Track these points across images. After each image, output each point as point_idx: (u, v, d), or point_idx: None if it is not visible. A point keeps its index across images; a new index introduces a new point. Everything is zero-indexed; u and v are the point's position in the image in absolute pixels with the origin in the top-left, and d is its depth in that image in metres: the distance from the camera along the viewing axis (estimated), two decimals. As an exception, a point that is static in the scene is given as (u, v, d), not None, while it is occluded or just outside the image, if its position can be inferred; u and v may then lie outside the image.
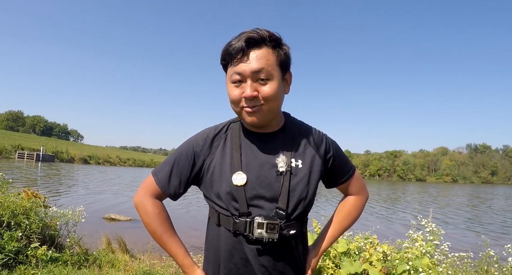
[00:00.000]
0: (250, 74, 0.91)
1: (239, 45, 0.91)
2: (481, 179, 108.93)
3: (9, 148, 44.92)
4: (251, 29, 0.94)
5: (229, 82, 0.95)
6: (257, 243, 0.94)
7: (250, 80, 0.92)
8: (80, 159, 54.62)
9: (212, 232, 1.03)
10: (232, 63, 0.93)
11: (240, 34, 0.94)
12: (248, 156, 0.99)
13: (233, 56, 0.92)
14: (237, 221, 0.94)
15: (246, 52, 0.91)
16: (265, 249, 0.95)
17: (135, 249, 4.74)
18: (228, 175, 0.97)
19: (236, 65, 0.92)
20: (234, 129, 1.05)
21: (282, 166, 0.95)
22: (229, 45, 0.93)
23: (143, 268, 3.62)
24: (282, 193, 0.95)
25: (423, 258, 2.78)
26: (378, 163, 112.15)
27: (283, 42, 0.96)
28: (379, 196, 23.01)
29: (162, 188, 1.02)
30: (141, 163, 73.75)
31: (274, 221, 0.92)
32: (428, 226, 3.36)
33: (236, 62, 0.92)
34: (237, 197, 0.94)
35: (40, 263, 3.22)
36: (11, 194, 3.70)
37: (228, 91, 0.97)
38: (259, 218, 0.92)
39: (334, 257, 2.87)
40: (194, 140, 1.04)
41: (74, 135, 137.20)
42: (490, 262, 3.46)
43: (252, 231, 0.92)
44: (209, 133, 1.04)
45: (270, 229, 0.91)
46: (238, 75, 0.92)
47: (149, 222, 1.01)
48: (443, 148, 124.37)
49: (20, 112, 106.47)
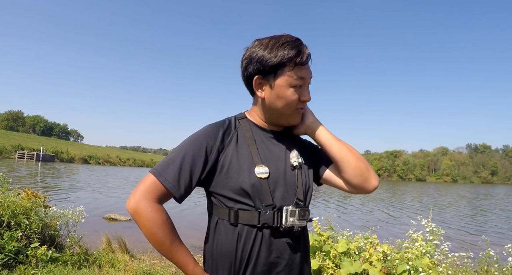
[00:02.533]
0: (310, 81, 1.02)
1: (306, 53, 0.98)
2: (481, 179, 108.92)
3: (9, 148, 44.94)
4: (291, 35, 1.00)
5: (288, 86, 0.98)
6: (287, 233, 0.96)
7: (308, 85, 1.03)
8: (80, 159, 54.65)
9: (224, 234, 0.96)
10: (295, 69, 0.97)
11: (288, 38, 0.98)
12: (264, 150, 1.03)
13: (301, 63, 0.97)
14: (266, 213, 0.94)
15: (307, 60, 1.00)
16: (292, 238, 0.98)
17: (135, 249, 4.74)
18: (249, 168, 0.96)
19: (300, 70, 0.98)
20: (245, 125, 1.06)
21: (295, 161, 1.04)
22: (293, 51, 0.96)
23: (143, 268, 3.62)
24: (299, 185, 1.01)
25: (423, 258, 2.78)
26: (378, 163, 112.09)
27: None
28: (379, 196, 23.01)
29: (172, 189, 0.91)
30: (141, 163, 73.78)
31: (305, 208, 0.98)
32: (428, 226, 3.36)
33: (301, 68, 0.98)
34: (262, 189, 0.95)
35: (40, 263, 3.22)
36: (11, 194, 3.70)
37: (285, 94, 0.99)
38: (290, 206, 0.96)
39: (334, 257, 2.87)
40: (203, 135, 0.99)
41: (74, 135, 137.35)
42: (490, 262, 3.46)
43: (281, 221, 0.94)
44: (220, 128, 1.01)
45: (301, 216, 0.96)
46: (301, 80, 0.98)
47: (156, 232, 0.87)
48: (443, 148, 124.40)
49: (20, 112, 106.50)
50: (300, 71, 0.97)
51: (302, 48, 0.97)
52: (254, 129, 1.06)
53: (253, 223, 0.93)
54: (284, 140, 1.08)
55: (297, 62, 0.96)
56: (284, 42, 0.97)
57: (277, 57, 0.95)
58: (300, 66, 0.97)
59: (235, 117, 1.09)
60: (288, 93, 0.99)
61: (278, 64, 0.96)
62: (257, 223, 0.93)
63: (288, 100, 0.99)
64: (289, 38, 0.98)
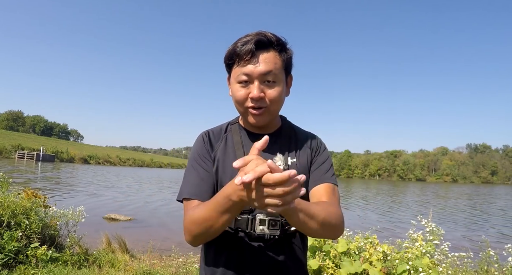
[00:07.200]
0: (258, 76, 0.93)
1: (249, 46, 0.92)
2: (481, 178, 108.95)
3: (9, 148, 44.95)
4: (257, 31, 0.96)
5: (235, 82, 0.97)
6: (259, 240, 0.95)
7: (257, 81, 0.94)
8: (80, 159, 54.64)
9: None
10: (239, 64, 0.94)
11: (247, 36, 0.95)
12: None
13: (242, 57, 0.93)
14: (239, 218, 0.94)
15: (255, 54, 0.93)
16: (266, 246, 0.95)
17: (135, 249, 4.74)
18: (231, 173, 0.98)
19: (244, 66, 0.93)
20: (234, 130, 1.08)
21: (280, 164, 0.95)
22: (237, 45, 0.94)
23: (143, 268, 3.62)
24: None
25: (423, 258, 2.78)
26: (378, 163, 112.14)
27: (288, 47, 0.99)
28: (379, 196, 23.00)
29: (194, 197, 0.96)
30: (141, 163, 73.76)
31: (276, 218, 0.91)
32: (428, 226, 3.36)
33: (244, 63, 0.93)
34: None
35: (40, 263, 3.22)
36: (11, 194, 3.70)
37: (232, 91, 0.99)
38: (261, 215, 0.91)
39: (334, 257, 2.87)
40: (198, 143, 1.07)
41: (74, 135, 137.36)
42: (490, 262, 3.46)
43: (254, 228, 0.92)
44: (206, 136, 1.07)
45: (272, 225, 0.91)
46: (246, 76, 0.94)
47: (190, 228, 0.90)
48: (443, 148, 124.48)
49: (20, 112, 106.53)
50: (244, 66, 0.93)
51: (244, 43, 0.93)
52: (243, 134, 1.07)
53: (230, 225, 0.95)
54: (276, 142, 1.03)
55: (239, 56, 0.93)
56: (241, 38, 0.95)
57: (226, 54, 0.97)
58: (244, 61, 0.93)
59: (228, 123, 1.12)
60: (234, 89, 0.97)
61: (227, 60, 0.98)
62: (233, 226, 0.95)
63: (236, 96, 0.97)
64: (250, 34, 0.95)
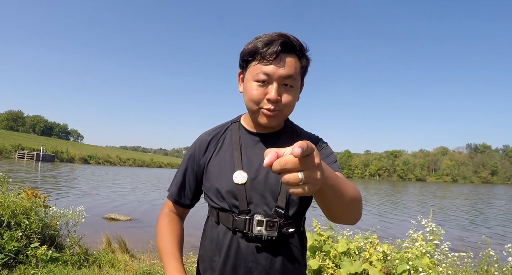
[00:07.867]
0: (278, 78, 0.91)
1: (275, 48, 0.89)
2: (481, 178, 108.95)
3: (9, 148, 44.92)
4: (280, 32, 0.93)
5: (251, 79, 0.94)
6: (256, 241, 0.94)
7: (276, 83, 0.91)
8: (80, 159, 54.61)
9: (210, 230, 1.04)
10: (261, 62, 0.92)
11: (268, 36, 0.92)
12: (249, 155, 1.00)
13: (265, 56, 0.90)
14: (236, 219, 0.94)
15: (279, 56, 0.90)
16: (264, 246, 0.95)
17: (135, 249, 4.74)
18: (228, 173, 0.98)
19: (266, 65, 0.91)
20: (234, 129, 1.06)
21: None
22: (259, 43, 0.91)
23: (143, 268, 3.63)
24: (282, 191, 0.95)
25: (423, 258, 2.78)
26: (378, 163, 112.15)
27: (307, 54, 0.97)
28: (379, 196, 23.00)
29: (174, 200, 1.08)
30: (141, 163, 73.75)
31: (273, 219, 0.92)
32: (428, 226, 3.36)
33: (267, 63, 0.91)
34: (238, 195, 0.95)
35: (40, 263, 3.22)
36: (11, 194, 3.70)
37: (247, 88, 0.95)
38: (259, 216, 0.92)
39: (334, 257, 2.88)
40: (193, 147, 1.08)
41: (74, 135, 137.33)
42: (490, 262, 3.46)
43: (252, 229, 0.92)
44: (204, 137, 1.07)
45: (270, 226, 0.91)
46: (266, 75, 0.91)
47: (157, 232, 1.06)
48: (443, 148, 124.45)
49: (20, 112, 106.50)
50: (266, 66, 0.91)
51: (269, 43, 0.90)
52: (242, 133, 1.05)
53: (228, 225, 0.97)
54: (276, 143, 1.01)
55: (262, 55, 0.91)
56: (264, 36, 0.93)
57: (246, 49, 0.94)
58: (267, 61, 0.90)
59: (230, 121, 1.11)
60: (249, 87, 0.94)
61: (247, 56, 0.94)
62: (231, 227, 0.96)
63: (251, 95, 0.93)
64: (275, 34, 0.92)
